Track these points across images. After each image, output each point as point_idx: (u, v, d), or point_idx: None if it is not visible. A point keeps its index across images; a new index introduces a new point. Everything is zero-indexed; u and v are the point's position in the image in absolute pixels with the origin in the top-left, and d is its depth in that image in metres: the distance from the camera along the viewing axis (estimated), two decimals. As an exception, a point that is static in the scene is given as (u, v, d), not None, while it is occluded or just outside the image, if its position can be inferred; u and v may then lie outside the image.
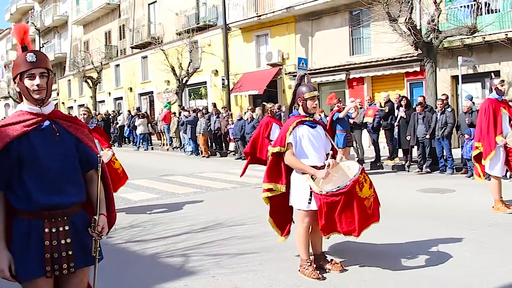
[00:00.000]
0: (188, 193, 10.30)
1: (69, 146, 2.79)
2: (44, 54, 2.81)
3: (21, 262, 2.62)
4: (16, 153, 2.62)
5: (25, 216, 2.64)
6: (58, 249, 2.67)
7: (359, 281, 4.68)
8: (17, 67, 2.71)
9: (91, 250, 2.79)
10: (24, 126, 2.67)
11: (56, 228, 2.68)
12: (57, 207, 2.67)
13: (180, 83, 24.00)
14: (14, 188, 2.64)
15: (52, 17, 43.33)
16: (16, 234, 2.65)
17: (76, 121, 2.94)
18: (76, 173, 2.81)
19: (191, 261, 5.51)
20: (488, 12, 14.83)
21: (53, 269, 2.66)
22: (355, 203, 4.41)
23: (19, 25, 2.90)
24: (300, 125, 4.71)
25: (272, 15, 21.81)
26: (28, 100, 2.74)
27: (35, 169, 2.64)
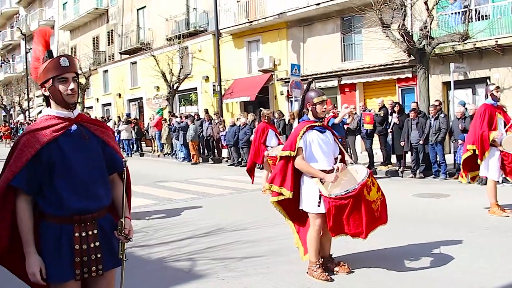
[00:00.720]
0: (185, 199, 10.32)
1: (96, 150, 2.82)
2: (74, 59, 2.83)
3: (52, 265, 2.65)
4: (47, 158, 2.64)
5: (56, 220, 2.67)
6: (87, 252, 2.70)
7: (366, 282, 4.77)
8: (48, 71, 2.70)
9: (118, 252, 2.83)
10: (53, 131, 2.69)
11: (85, 232, 2.71)
12: (87, 211, 2.71)
13: (171, 89, 23.99)
14: (45, 193, 2.66)
15: (38, 22, 42.90)
16: (47, 238, 2.67)
17: (101, 124, 2.98)
18: (104, 177, 2.84)
19: (198, 265, 5.55)
20: (478, 19, 15.07)
21: (82, 272, 2.70)
22: (363, 206, 4.51)
23: (43, 28, 2.91)
24: (310, 130, 4.80)
25: (263, 21, 21.90)
26: (58, 104, 2.75)
27: (65, 174, 2.67)
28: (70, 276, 2.67)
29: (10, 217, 2.64)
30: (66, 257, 2.65)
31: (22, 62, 43.99)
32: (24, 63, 41.84)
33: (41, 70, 2.73)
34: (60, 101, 2.73)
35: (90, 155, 2.77)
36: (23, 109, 42.82)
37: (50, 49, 2.80)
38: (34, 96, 44.57)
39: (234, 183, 12.55)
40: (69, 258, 2.66)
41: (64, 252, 2.65)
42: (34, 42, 2.85)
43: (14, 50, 50.58)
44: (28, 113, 42.07)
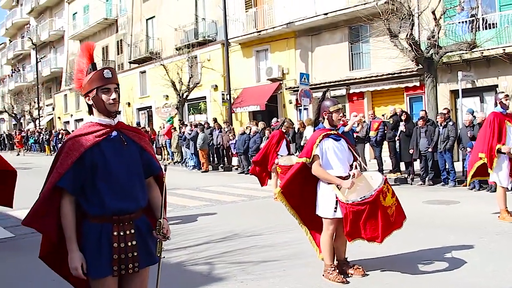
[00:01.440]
0: (198, 206, 10.51)
1: (135, 154, 3.03)
2: (115, 71, 3.06)
3: (93, 262, 2.84)
4: (90, 161, 2.86)
5: (96, 220, 2.87)
6: (125, 250, 2.90)
7: (380, 284, 4.93)
8: (92, 82, 2.93)
9: (155, 251, 3.03)
10: (95, 137, 2.91)
11: (123, 231, 2.91)
12: (125, 212, 2.91)
13: (181, 98, 24.28)
14: (87, 194, 2.87)
15: (48, 32, 43.61)
16: (88, 236, 2.87)
17: (139, 131, 3.20)
18: (141, 180, 3.05)
19: (217, 268, 5.73)
20: (485, 28, 15.24)
21: (120, 269, 2.89)
22: (379, 211, 4.69)
23: (88, 43, 3.13)
24: (326, 138, 5.00)
25: (272, 30, 22.18)
26: (101, 113, 2.97)
27: (106, 176, 2.87)
28: (108, 272, 2.86)
29: (57, 215, 2.86)
30: (105, 254, 2.85)
31: (32, 71, 44.51)
32: (34, 72, 42.33)
33: (86, 81, 2.96)
34: (102, 110, 2.96)
35: (128, 159, 2.98)
36: (33, 118, 43.28)
37: (94, 62, 3.02)
38: (44, 105, 45.08)
39: (246, 190, 12.75)
40: (108, 255, 2.85)
41: (103, 249, 2.85)
42: (79, 56, 3.07)
43: (25, 60, 51.19)
44: (38, 122, 42.51)
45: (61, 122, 42.63)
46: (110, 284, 2.91)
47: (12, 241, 7.71)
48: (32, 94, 42.85)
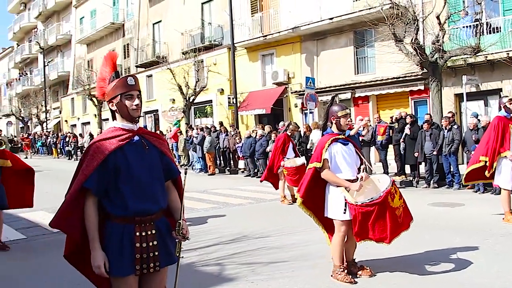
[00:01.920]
0: (206, 208, 10.68)
1: (155, 158, 3.18)
2: (137, 78, 3.22)
3: (115, 261, 2.99)
4: (113, 164, 3.00)
5: (119, 221, 3.02)
6: (146, 250, 3.04)
7: (388, 285, 5.07)
8: (116, 88, 3.09)
9: (174, 251, 3.18)
10: (119, 141, 3.06)
11: (145, 231, 3.05)
12: (147, 213, 3.06)
13: (187, 101, 24.49)
14: (111, 196, 3.02)
15: (56, 36, 44.01)
16: (111, 236, 3.02)
17: (159, 137, 3.35)
18: (161, 183, 3.20)
19: (227, 269, 5.89)
20: (490, 32, 15.37)
21: (142, 268, 3.04)
22: (387, 212, 4.84)
23: (112, 52, 3.32)
24: (334, 142, 5.16)
25: (277, 35, 22.37)
26: (124, 118, 3.13)
27: (129, 179, 3.02)
28: (131, 271, 3.00)
29: (81, 216, 3.01)
30: (127, 253, 2.99)
31: (39, 75, 44.88)
32: (41, 76, 42.68)
33: (110, 88, 3.12)
34: (125, 115, 3.12)
35: (150, 163, 3.13)
36: (41, 121, 43.62)
37: (117, 70, 3.20)
38: (51, 108, 45.40)
39: (253, 193, 12.91)
40: (130, 254, 2.99)
41: (126, 249, 2.99)
42: (103, 65, 3.25)
43: (32, 64, 51.59)
44: (45, 125, 42.84)
45: (68, 125, 42.94)
46: (132, 282, 3.04)
47: (24, 243, 7.89)
48: (39, 98, 43.24)
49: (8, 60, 58.67)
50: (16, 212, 8.42)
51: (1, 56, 62.54)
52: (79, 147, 30.45)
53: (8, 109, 53.07)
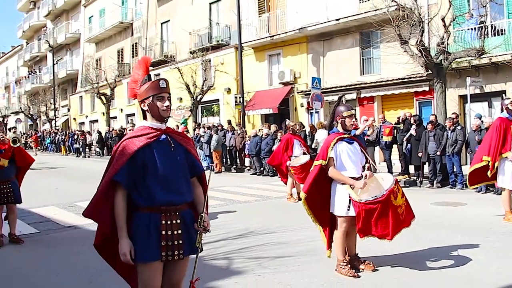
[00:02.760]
0: (214, 205, 10.88)
1: (181, 156, 3.41)
2: (168, 81, 3.45)
3: (143, 248, 3.21)
4: (141, 160, 3.25)
5: (146, 211, 3.25)
6: (171, 238, 3.25)
7: (389, 279, 5.29)
8: (149, 90, 3.32)
9: (195, 241, 3.38)
10: (147, 138, 3.30)
11: (170, 221, 3.27)
12: (172, 204, 3.28)
13: (194, 100, 24.75)
14: (139, 189, 3.26)
15: (65, 35, 44.39)
16: (139, 225, 3.24)
17: (185, 136, 3.59)
18: (186, 178, 3.42)
19: (235, 263, 6.12)
20: (494, 35, 15.52)
21: (167, 255, 3.26)
22: (390, 210, 5.06)
23: (146, 57, 3.57)
24: (340, 141, 5.38)
25: (284, 35, 22.61)
26: (153, 117, 3.37)
27: (156, 173, 3.26)
28: (157, 256, 3.22)
29: (111, 207, 3.25)
30: (154, 240, 3.21)
31: (48, 73, 45.32)
32: (50, 74, 43.07)
33: (143, 89, 3.35)
34: (156, 115, 3.35)
35: (175, 160, 3.36)
36: (49, 119, 44.02)
37: (149, 74, 3.45)
38: (59, 106, 45.79)
39: (259, 190, 13.16)
40: (157, 241, 3.22)
41: (152, 236, 3.21)
42: (135, 67, 3.49)
43: (41, 62, 52.04)
44: (54, 123, 43.24)
45: (76, 123, 43.35)
46: (157, 268, 3.27)
47: (37, 236, 8.14)
48: (48, 95, 43.65)
49: (17, 58, 59.12)
50: (28, 207, 8.67)
51: (10, 54, 63.04)
52: (87, 144, 30.78)
53: (17, 107, 53.52)
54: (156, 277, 3.28)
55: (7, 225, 7.68)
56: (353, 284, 5.16)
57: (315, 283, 5.21)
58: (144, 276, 3.27)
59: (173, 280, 3.41)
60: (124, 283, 3.67)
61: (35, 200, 11.11)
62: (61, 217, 9.70)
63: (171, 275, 3.39)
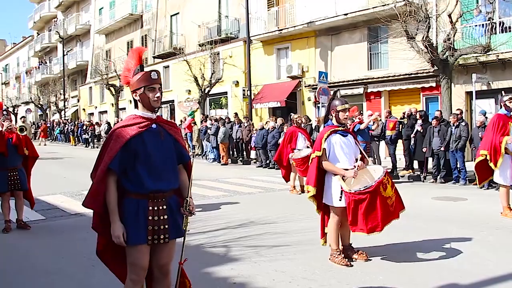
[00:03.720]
0: (217, 196, 11.09)
1: (169, 145, 3.57)
2: (160, 72, 3.59)
3: (131, 231, 3.38)
4: (133, 148, 3.40)
5: (135, 196, 3.41)
6: (158, 223, 3.43)
7: (381, 268, 5.42)
8: (141, 81, 3.46)
9: (182, 225, 3.56)
10: (139, 127, 3.45)
11: (157, 207, 3.44)
12: (159, 190, 3.45)
13: (203, 93, 24.92)
14: (129, 175, 3.42)
15: (75, 26, 44.67)
16: (128, 210, 3.41)
17: (174, 125, 3.74)
18: (174, 166, 3.59)
19: (233, 251, 6.28)
20: (502, 31, 15.50)
21: (153, 239, 3.43)
22: (378, 200, 5.19)
23: (139, 47, 3.69)
24: (334, 134, 5.52)
25: (293, 29, 22.68)
26: (145, 107, 3.51)
27: (146, 161, 3.42)
28: (144, 240, 3.40)
29: (104, 191, 3.41)
30: (142, 225, 3.39)
31: (59, 64, 45.61)
32: (61, 64, 43.39)
33: (135, 79, 3.49)
34: (147, 105, 3.50)
35: (164, 148, 3.52)
36: (59, 109, 44.39)
37: (142, 64, 3.57)
38: (69, 96, 46.15)
39: (263, 183, 13.32)
40: (144, 226, 3.39)
41: (140, 221, 3.38)
42: (129, 56, 3.62)
43: (51, 53, 52.37)
44: (64, 113, 43.61)
45: (85, 114, 43.68)
46: (144, 251, 3.43)
47: (44, 223, 8.38)
48: (58, 86, 43.98)
49: (28, 48, 59.52)
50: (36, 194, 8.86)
51: (21, 45, 63.45)
52: (96, 135, 31.06)
53: (27, 97, 53.98)
54: (143, 257, 3.44)
55: (14, 211, 7.90)
56: (344, 272, 5.30)
57: (308, 270, 5.35)
58: (132, 257, 3.44)
59: (161, 262, 3.56)
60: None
61: (43, 188, 11.35)
62: (67, 205, 9.93)
63: (159, 257, 3.54)
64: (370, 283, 4.92)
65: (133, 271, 3.46)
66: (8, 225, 7.70)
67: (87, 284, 5.08)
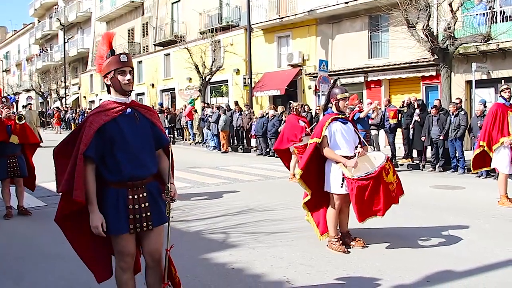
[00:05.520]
0: (217, 183, 11.16)
1: (146, 129, 3.51)
2: (130, 56, 3.54)
3: (112, 221, 3.35)
4: (108, 134, 3.34)
5: (114, 185, 3.38)
6: (139, 211, 3.40)
7: (378, 254, 5.50)
8: (110, 65, 3.37)
9: (165, 211, 3.52)
10: (113, 113, 3.38)
11: (137, 195, 3.41)
12: (138, 178, 3.42)
13: (203, 80, 24.92)
14: (107, 163, 3.37)
15: (76, 13, 44.55)
16: (107, 200, 3.38)
17: (149, 109, 3.68)
18: (152, 150, 3.54)
19: (232, 237, 6.35)
20: (503, 20, 15.48)
21: (136, 227, 3.41)
22: (381, 186, 5.25)
23: (109, 32, 3.61)
24: (334, 121, 5.57)
25: (294, 17, 22.65)
26: (117, 92, 3.42)
27: (123, 147, 3.36)
28: (125, 229, 3.38)
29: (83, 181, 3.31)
30: (122, 214, 3.36)
31: (60, 51, 45.51)
32: (61, 52, 43.31)
33: (105, 64, 3.43)
34: (118, 89, 3.43)
35: (141, 132, 3.46)
36: (60, 97, 44.37)
37: (112, 49, 3.48)
38: (70, 84, 46.11)
39: (263, 170, 13.39)
40: (125, 215, 3.36)
41: (121, 210, 3.36)
42: (100, 43, 3.56)
43: (52, 40, 52.24)
44: (64, 100, 43.59)
45: (86, 101, 43.68)
46: (128, 240, 3.43)
47: (44, 209, 8.44)
48: (59, 73, 43.90)
49: (29, 36, 59.31)
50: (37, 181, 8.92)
51: (22, 32, 63.25)
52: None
53: (28, 84, 53.89)
54: (129, 245, 3.44)
55: (15, 197, 7.98)
56: (340, 258, 5.38)
57: (306, 257, 5.43)
58: (118, 246, 3.45)
59: (150, 249, 3.54)
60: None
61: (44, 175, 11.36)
62: (68, 191, 9.97)
63: (147, 244, 3.53)
64: (367, 269, 4.99)
65: (120, 259, 3.47)
66: (9, 211, 7.79)
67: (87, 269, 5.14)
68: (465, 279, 4.70)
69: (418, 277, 4.72)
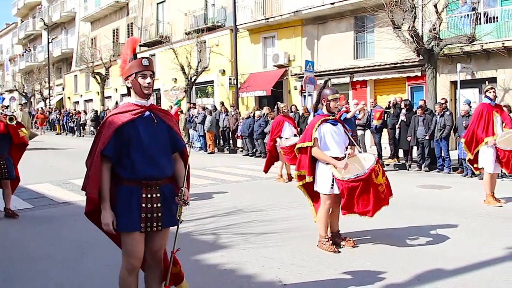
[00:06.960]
0: (204, 184, 11.15)
1: (163, 132, 3.58)
2: (152, 60, 3.61)
3: (124, 218, 3.41)
4: (126, 134, 3.42)
5: (128, 183, 3.44)
6: (151, 210, 3.46)
7: (368, 254, 5.55)
8: (132, 68, 3.48)
9: (176, 214, 3.57)
10: (131, 114, 3.46)
11: (150, 194, 3.46)
12: (153, 178, 3.47)
13: (189, 81, 24.86)
14: (123, 162, 3.44)
15: (60, 13, 44.17)
16: (121, 197, 3.43)
17: (168, 113, 3.75)
18: (168, 153, 3.61)
19: (222, 238, 6.35)
20: (487, 22, 15.69)
21: (146, 226, 3.46)
22: (371, 188, 5.30)
23: (134, 38, 3.73)
24: (324, 123, 5.59)
25: (279, 18, 22.71)
26: (137, 94, 3.52)
27: (139, 148, 3.43)
28: (137, 227, 3.43)
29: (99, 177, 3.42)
30: (135, 212, 3.41)
31: (43, 51, 45.14)
32: (45, 52, 42.92)
33: (127, 67, 3.52)
34: (138, 92, 3.51)
35: (158, 135, 3.53)
36: (44, 97, 43.94)
37: (135, 53, 3.60)
38: (54, 85, 45.70)
39: (250, 171, 13.40)
40: (137, 213, 3.42)
41: (134, 208, 3.41)
42: (124, 48, 3.65)
43: (36, 40, 51.76)
44: (48, 101, 43.16)
45: (70, 102, 43.32)
46: (138, 238, 3.46)
47: (31, 211, 8.36)
48: (43, 74, 43.57)
49: (11, 36, 58.71)
50: (23, 183, 8.85)
51: (4, 32, 62.58)
52: (81, 124, 30.84)
53: (11, 85, 53.33)
54: (138, 245, 3.47)
55: (1, 200, 7.91)
56: (331, 258, 5.41)
57: (297, 257, 5.45)
58: (126, 245, 3.47)
59: (153, 249, 3.60)
60: (112, 255, 3.84)
61: (30, 177, 11.29)
62: (55, 193, 9.92)
63: (151, 244, 3.58)
64: (357, 269, 5.03)
65: (128, 261, 3.49)
66: (-4, 214, 7.71)
67: (78, 271, 5.12)
68: (454, 277, 4.76)
69: (409, 276, 4.77)
